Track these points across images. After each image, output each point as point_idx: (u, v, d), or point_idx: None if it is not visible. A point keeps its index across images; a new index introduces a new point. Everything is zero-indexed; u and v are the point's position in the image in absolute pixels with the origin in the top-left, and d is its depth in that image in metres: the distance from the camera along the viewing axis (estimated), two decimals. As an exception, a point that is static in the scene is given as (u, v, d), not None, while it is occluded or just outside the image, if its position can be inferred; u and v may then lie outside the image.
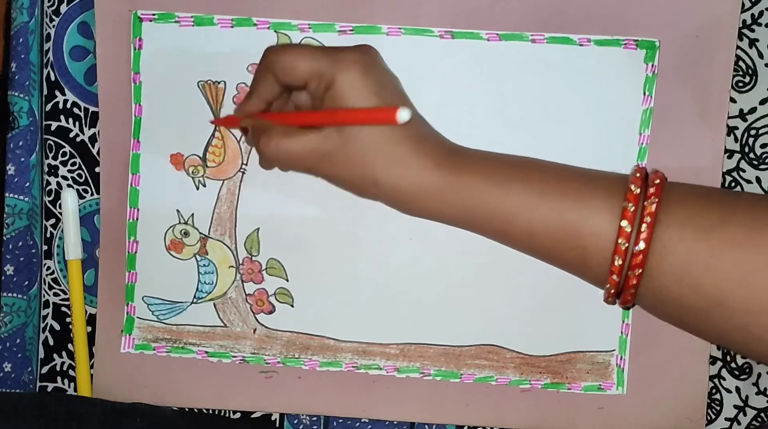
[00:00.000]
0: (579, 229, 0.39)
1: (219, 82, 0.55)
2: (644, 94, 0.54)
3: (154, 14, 0.55)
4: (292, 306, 0.55)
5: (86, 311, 0.57)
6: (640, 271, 0.38)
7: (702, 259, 0.37)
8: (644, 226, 0.37)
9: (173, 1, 0.55)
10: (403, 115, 0.38)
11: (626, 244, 0.37)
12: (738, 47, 0.53)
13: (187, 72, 0.55)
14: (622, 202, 0.38)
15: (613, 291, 0.39)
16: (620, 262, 0.38)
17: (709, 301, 0.37)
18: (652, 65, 0.53)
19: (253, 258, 0.55)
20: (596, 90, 0.54)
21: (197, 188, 0.55)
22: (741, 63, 0.53)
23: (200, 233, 0.56)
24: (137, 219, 0.56)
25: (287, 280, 0.55)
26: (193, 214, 0.55)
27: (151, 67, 0.55)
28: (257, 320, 0.56)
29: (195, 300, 0.56)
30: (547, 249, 0.41)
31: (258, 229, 0.55)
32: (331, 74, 0.41)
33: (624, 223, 0.38)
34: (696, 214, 0.38)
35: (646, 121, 0.54)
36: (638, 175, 0.39)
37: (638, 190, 0.38)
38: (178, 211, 0.55)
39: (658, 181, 0.39)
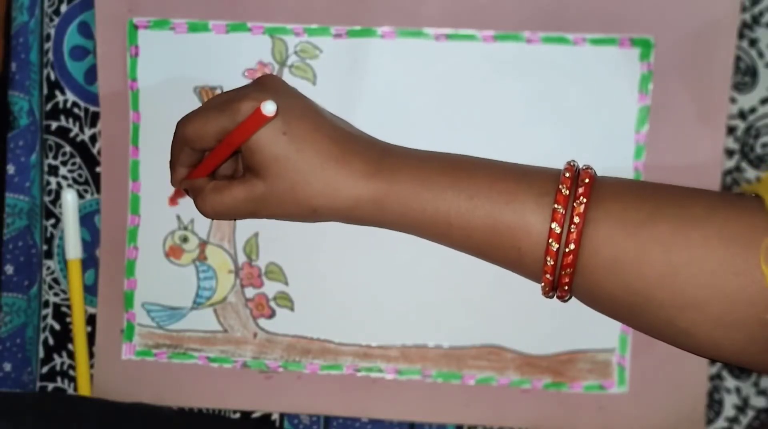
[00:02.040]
0: (513, 230, 0.40)
1: (216, 88, 0.55)
2: (640, 92, 0.53)
3: (149, 21, 0.55)
4: (292, 310, 0.56)
5: (86, 311, 0.57)
6: (572, 270, 0.38)
7: (630, 255, 0.37)
8: (573, 227, 0.38)
9: (171, 4, 0.54)
10: (268, 107, 0.39)
11: (557, 246, 0.38)
12: (738, 47, 0.53)
13: (183, 78, 0.55)
14: (552, 204, 0.39)
15: (548, 288, 0.40)
16: (552, 262, 0.39)
17: (638, 296, 0.38)
18: (648, 63, 0.53)
19: (253, 262, 0.56)
20: (592, 88, 0.53)
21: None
22: (741, 63, 0.53)
23: (199, 239, 0.56)
24: (138, 225, 0.56)
25: (287, 285, 0.56)
26: (193, 220, 0.56)
27: (147, 74, 0.55)
28: (257, 325, 0.56)
29: (195, 305, 0.56)
30: (484, 250, 0.42)
31: (257, 233, 0.55)
32: (234, 127, 0.42)
33: (554, 225, 0.38)
34: (626, 210, 0.38)
35: (643, 119, 0.53)
36: (568, 174, 0.39)
37: (567, 191, 0.39)
38: (178, 216, 0.56)
39: (587, 179, 0.39)
